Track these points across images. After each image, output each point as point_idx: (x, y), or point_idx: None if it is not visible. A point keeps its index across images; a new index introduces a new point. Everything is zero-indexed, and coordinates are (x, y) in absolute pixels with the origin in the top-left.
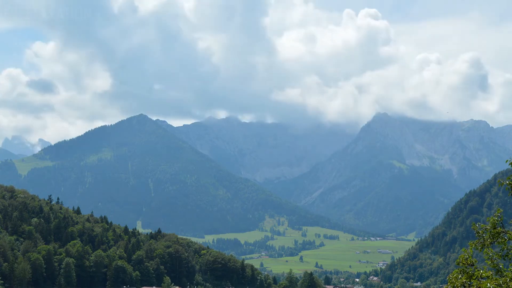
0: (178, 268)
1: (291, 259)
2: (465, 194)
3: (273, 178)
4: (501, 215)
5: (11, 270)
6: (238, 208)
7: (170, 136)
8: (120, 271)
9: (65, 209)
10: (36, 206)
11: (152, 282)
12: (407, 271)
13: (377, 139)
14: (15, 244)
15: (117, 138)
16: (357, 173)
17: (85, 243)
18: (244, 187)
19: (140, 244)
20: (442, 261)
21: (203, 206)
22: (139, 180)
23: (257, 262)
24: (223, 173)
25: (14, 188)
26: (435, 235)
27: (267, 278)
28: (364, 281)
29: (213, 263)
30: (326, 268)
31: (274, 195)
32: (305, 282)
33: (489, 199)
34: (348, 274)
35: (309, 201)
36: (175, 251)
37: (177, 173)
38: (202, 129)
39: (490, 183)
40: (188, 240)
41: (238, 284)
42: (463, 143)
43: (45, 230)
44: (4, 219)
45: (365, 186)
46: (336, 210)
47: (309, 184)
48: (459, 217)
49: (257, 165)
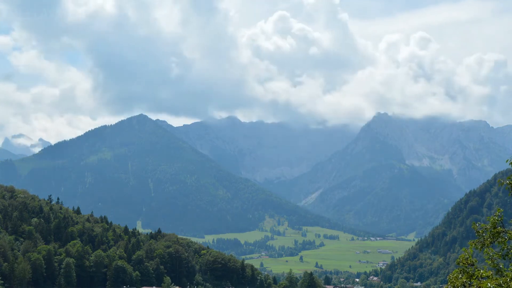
0: (178, 268)
1: (291, 259)
2: (465, 194)
3: (273, 178)
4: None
5: (11, 270)
6: (238, 208)
7: (170, 136)
8: (120, 271)
9: (65, 209)
10: (36, 206)
11: (152, 282)
12: (407, 271)
13: (377, 139)
14: (15, 244)
15: (117, 138)
16: (357, 173)
17: (85, 243)
18: (244, 187)
19: (140, 244)
20: (442, 261)
21: (203, 206)
22: (139, 180)
23: (257, 262)
24: (223, 173)
25: (14, 188)
26: (435, 235)
27: (267, 278)
28: (364, 281)
29: (213, 263)
30: (326, 268)
31: (274, 195)
32: (305, 282)
33: (489, 199)
34: (348, 274)
35: (309, 201)
36: (175, 251)
37: (177, 173)
38: (202, 129)
39: (490, 183)
40: (188, 240)
41: (238, 284)
42: (463, 143)
43: (45, 230)
44: (4, 219)
45: (365, 186)
46: (336, 210)
47: (309, 184)
48: (459, 217)
49: (257, 165)
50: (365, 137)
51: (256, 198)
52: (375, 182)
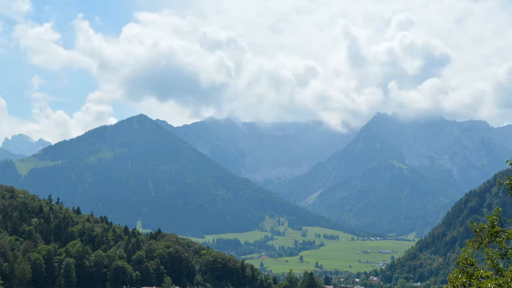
0: (178, 268)
1: (291, 259)
2: (465, 194)
3: (273, 178)
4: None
5: (11, 270)
6: (238, 208)
7: (170, 136)
8: (120, 271)
9: (65, 209)
10: (36, 206)
11: (152, 282)
12: (407, 271)
13: (377, 139)
14: (15, 244)
15: (117, 138)
16: (357, 173)
17: (85, 243)
18: (244, 187)
19: (140, 244)
20: (442, 261)
21: (203, 206)
22: (139, 180)
23: (257, 262)
24: (223, 173)
25: (14, 188)
26: (435, 235)
27: (267, 278)
28: (364, 281)
29: (213, 263)
30: (326, 268)
31: (274, 195)
32: (305, 282)
33: (489, 199)
34: (348, 274)
35: (309, 201)
36: (175, 251)
37: (177, 173)
38: (202, 129)
39: (490, 183)
40: (188, 240)
41: (238, 284)
42: (463, 143)
43: (45, 230)
44: (4, 219)
45: (365, 186)
46: (336, 210)
47: (309, 184)
48: (459, 217)
49: (257, 165)
50: (365, 137)
51: (256, 198)
52: (375, 182)
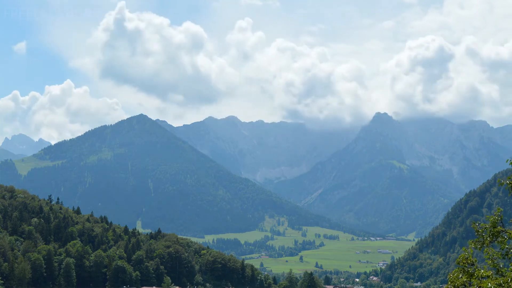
0: (178, 268)
1: (291, 259)
2: (465, 194)
3: (273, 178)
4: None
5: (11, 270)
6: (238, 208)
7: (170, 136)
8: (120, 271)
9: (65, 209)
10: (36, 206)
11: (152, 282)
12: (407, 271)
13: (377, 139)
14: (15, 244)
15: (117, 138)
16: (357, 173)
17: (85, 243)
18: (244, 187)
19: (140, 244)
20: (442, 261)
21: (203, 206)
22: (139, 180)
23: (257, 262)
24: (223, 173)
25: (14, 188)
26: (435, 235)
27: (267, 278)
28: (364, 281)
29: (213, 263)
30: (326, 268)
31: (274, 195)
32: (305, 282)
33: (489, 199)
34: (348, 274)
35: (309, 201)
36: (175, 251)
37: (177, 173)
38: (202, 129)
39: (490, 183)
40: (188, 240)
41: (238, 284)
42: (463, 143)
43: (45, 230)
44: (4, 219)
45: (365, 186)
46: (336, 210)
47: (309, 184)
48: (459, 217)
49: (257, 165)
50: (365, 137)
51: (256, 198)
52: (375, 182)
